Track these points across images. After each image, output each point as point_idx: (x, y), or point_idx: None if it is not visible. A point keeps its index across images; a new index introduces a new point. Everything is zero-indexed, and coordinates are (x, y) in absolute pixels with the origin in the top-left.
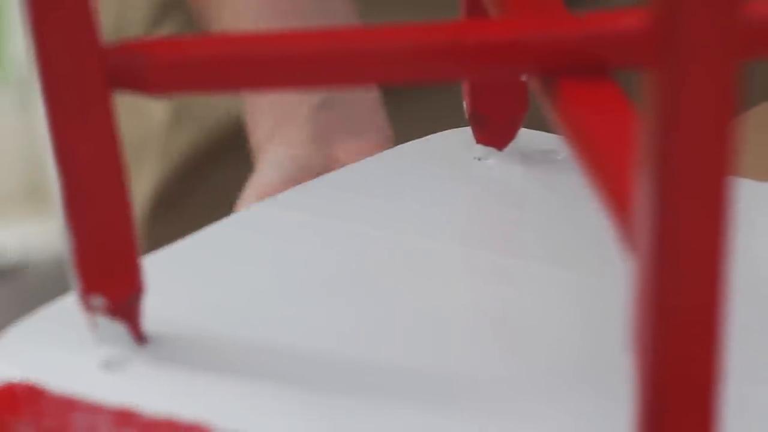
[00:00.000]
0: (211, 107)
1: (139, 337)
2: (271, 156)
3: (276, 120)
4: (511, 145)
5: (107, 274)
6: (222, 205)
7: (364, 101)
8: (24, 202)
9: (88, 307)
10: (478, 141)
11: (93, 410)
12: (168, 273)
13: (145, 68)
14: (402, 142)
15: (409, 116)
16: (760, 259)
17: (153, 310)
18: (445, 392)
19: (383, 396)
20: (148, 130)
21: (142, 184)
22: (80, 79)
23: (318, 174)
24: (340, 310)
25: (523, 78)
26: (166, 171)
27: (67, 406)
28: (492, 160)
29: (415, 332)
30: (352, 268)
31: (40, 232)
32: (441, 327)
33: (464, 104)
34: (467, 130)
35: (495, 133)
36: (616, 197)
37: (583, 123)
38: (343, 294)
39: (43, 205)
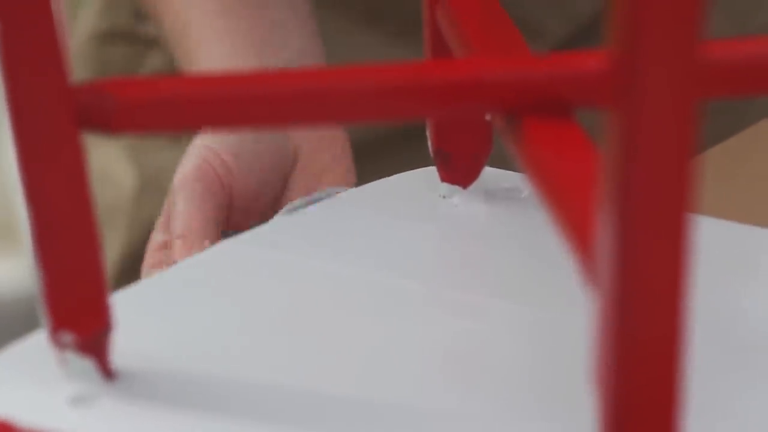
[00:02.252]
0: None
1: (108, 372)
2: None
3: None
4: (475, 184)
5: (76, 311)
6: None
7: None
8: None
9: (58, 344)
10: (443, 179)
11: None
12: (137, 310)
13: (112, 108)
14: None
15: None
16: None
17: (122, 346)
18: (407, 425)
19: (346, 427)
20: (117, 198)
21: (111, 250)
22: (48, 119)
23: (279, 162)
24: (306, 345)
25: (487, 117)
26: (135, 238)
27: None
28: (456, 198)
29: (379, 366)
30: (318, 304)
31: (9, 270)
32: (403, 361)
33: (429, 143)
34: (432, 170)
35: (459, 171)
36: (577, 234)
37: (545, 161)
38: (309, 329)
39: (12, 243)
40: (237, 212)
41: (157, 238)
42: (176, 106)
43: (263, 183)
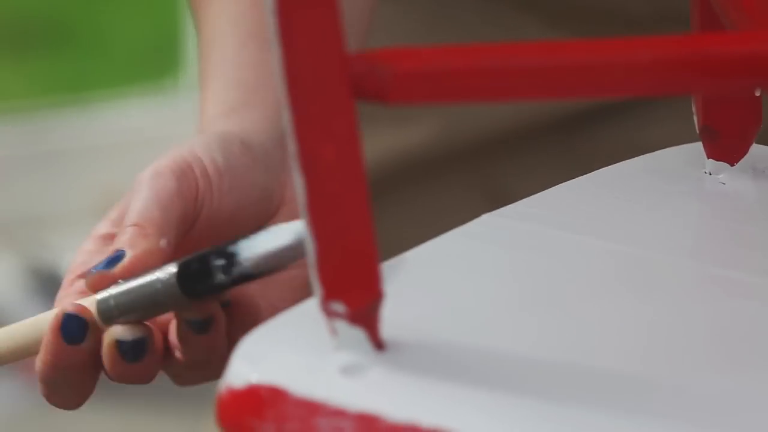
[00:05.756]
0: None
1: (378, 343)
2: (219, 135)
3: (241, 96)
4: (743, 161)
5: (348, 280)
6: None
7: None
8: None
9: (329, 313)
10: (709, 156)
11: (336, 414)
12: (404, 279)
13: (388, 78)
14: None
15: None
16: None
17: (389, 316)
18: (679, 405)
19: (615, 406)
20: None
21: None
22: (325, 88)
23: (260, 199)
24: (574, 320)
25: (757, 92)
26: None
27: (310, 409)
28: (723, 175)
29: (647, 344)
30: (583, 279)
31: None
32: (671, 338)
33: (695, 119)
34: (698, 146)
35: (727, 147)
36: None
37: None
38: (577, 304)
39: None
40: (197, 232)
41: (99, 229)
42: (453, 77)
43: (237, 212)
